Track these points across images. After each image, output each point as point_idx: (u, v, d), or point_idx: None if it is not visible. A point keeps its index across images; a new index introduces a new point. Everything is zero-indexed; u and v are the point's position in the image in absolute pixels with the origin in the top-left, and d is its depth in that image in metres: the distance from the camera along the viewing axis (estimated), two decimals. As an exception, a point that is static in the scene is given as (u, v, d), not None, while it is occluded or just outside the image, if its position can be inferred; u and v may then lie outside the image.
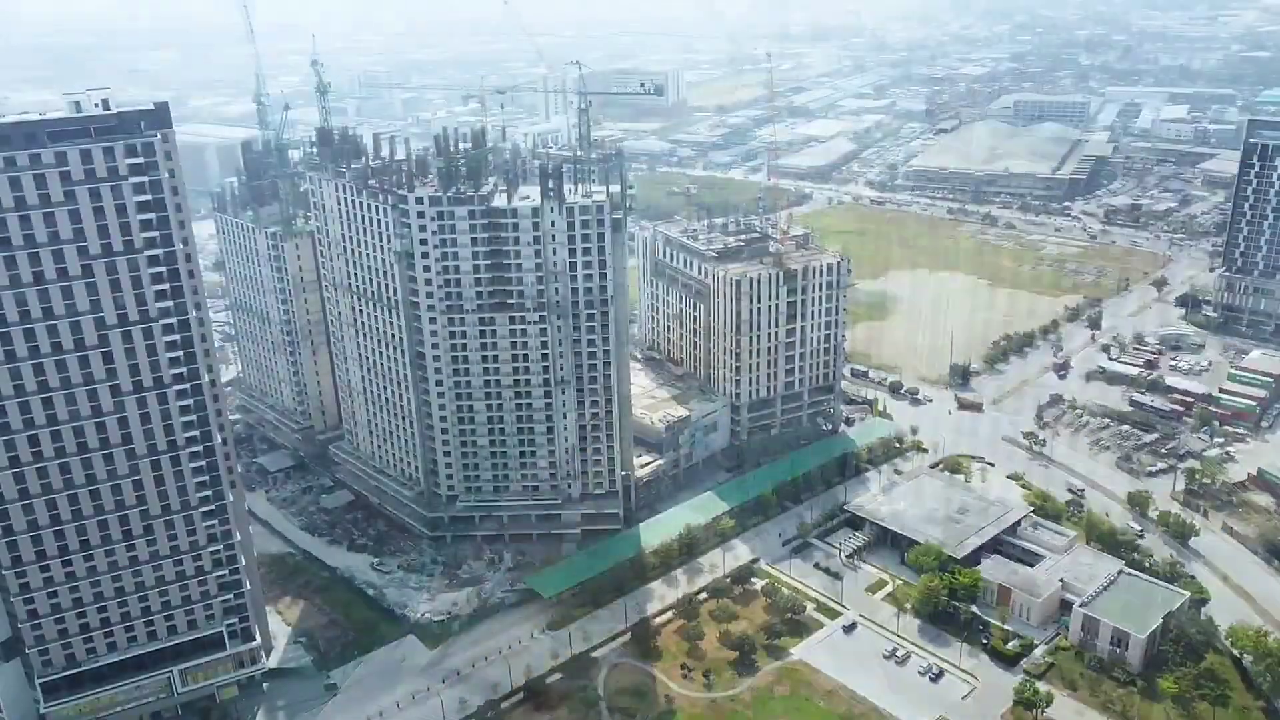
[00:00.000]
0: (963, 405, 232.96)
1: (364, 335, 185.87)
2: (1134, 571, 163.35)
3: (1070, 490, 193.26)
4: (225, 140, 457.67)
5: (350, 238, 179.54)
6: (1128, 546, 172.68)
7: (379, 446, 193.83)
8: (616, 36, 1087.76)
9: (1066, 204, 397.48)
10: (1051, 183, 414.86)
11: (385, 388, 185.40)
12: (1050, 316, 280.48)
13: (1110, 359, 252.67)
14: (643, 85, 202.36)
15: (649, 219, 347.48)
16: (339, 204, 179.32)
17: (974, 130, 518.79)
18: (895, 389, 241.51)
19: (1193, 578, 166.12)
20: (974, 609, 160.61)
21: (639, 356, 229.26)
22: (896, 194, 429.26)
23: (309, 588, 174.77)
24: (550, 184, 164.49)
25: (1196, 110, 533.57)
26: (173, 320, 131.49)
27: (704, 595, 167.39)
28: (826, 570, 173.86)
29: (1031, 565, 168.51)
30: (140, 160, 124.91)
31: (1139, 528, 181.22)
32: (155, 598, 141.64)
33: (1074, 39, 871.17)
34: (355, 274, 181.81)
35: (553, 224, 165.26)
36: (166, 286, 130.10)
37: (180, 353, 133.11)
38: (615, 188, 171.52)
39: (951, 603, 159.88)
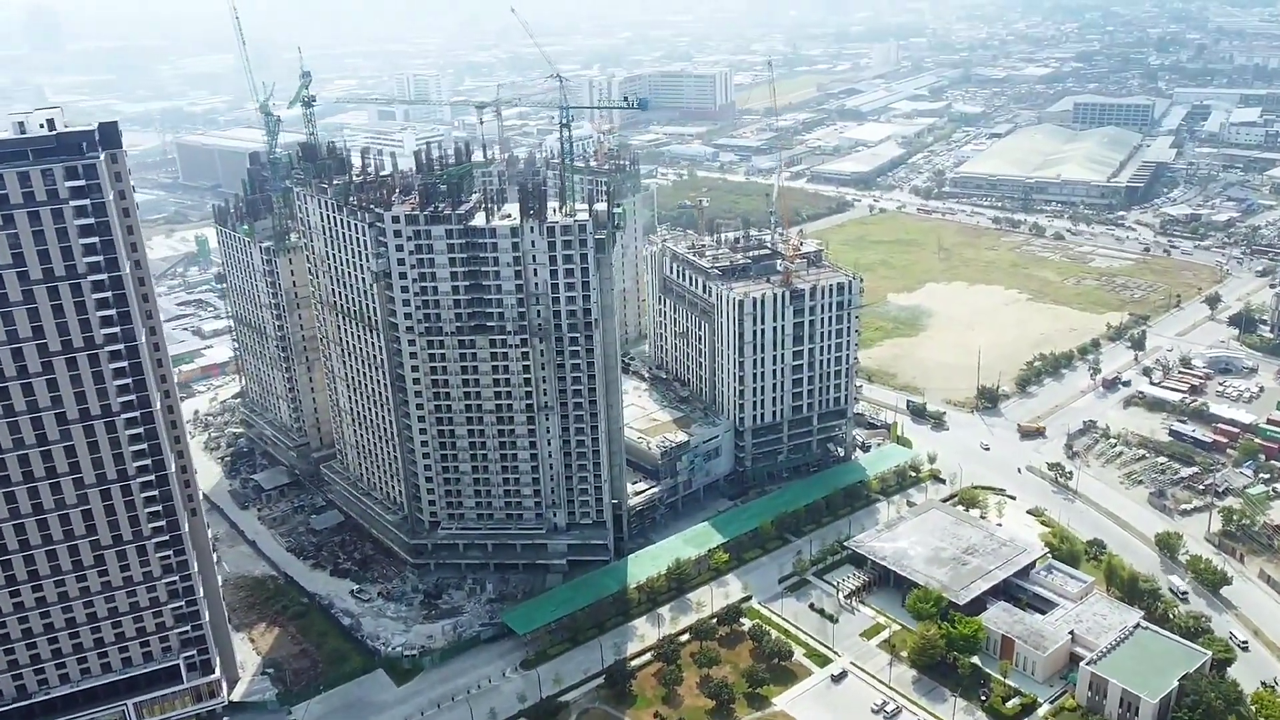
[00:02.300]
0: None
1: (349, 355, 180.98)
2: (1151, 625, 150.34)
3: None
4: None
5: (333, 255, 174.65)
6: (1150, 595, 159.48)
7: (365, 468, 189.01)
8: (674, 39, 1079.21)
9: (1121, 213, 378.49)
10: (1106, 190, 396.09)
11: (369, 409, 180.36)
12: (1091, 335, 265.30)
13: (1152, 383, 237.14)
14: (626, 100, 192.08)
15: (684, 226, 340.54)
16: (322, 220, 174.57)
17: (1029, 134, 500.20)
18: (917, 412, 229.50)
19: (1215, 625, 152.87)
20: (975, 660, 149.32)
21: (645, 375, 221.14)
22: (942, 201, 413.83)
23: (285, 614, 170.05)
24: (531, 203, 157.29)
25: (1269, 113, 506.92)
26: (120, 346, 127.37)
27: (687, 636, 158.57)
28: (821, 611, 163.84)
29: (1043, 613, 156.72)
30: (82, 183, 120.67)
31: (1161, 573, 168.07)
32: (108, 629, 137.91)
33: (1145, 37, 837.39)
34: (339, 292, 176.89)
35: (533, 244, 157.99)
36: (113, 312, 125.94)
37: (129, 380, 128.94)
38: (602, 205, 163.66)
39: (950, 653, 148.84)
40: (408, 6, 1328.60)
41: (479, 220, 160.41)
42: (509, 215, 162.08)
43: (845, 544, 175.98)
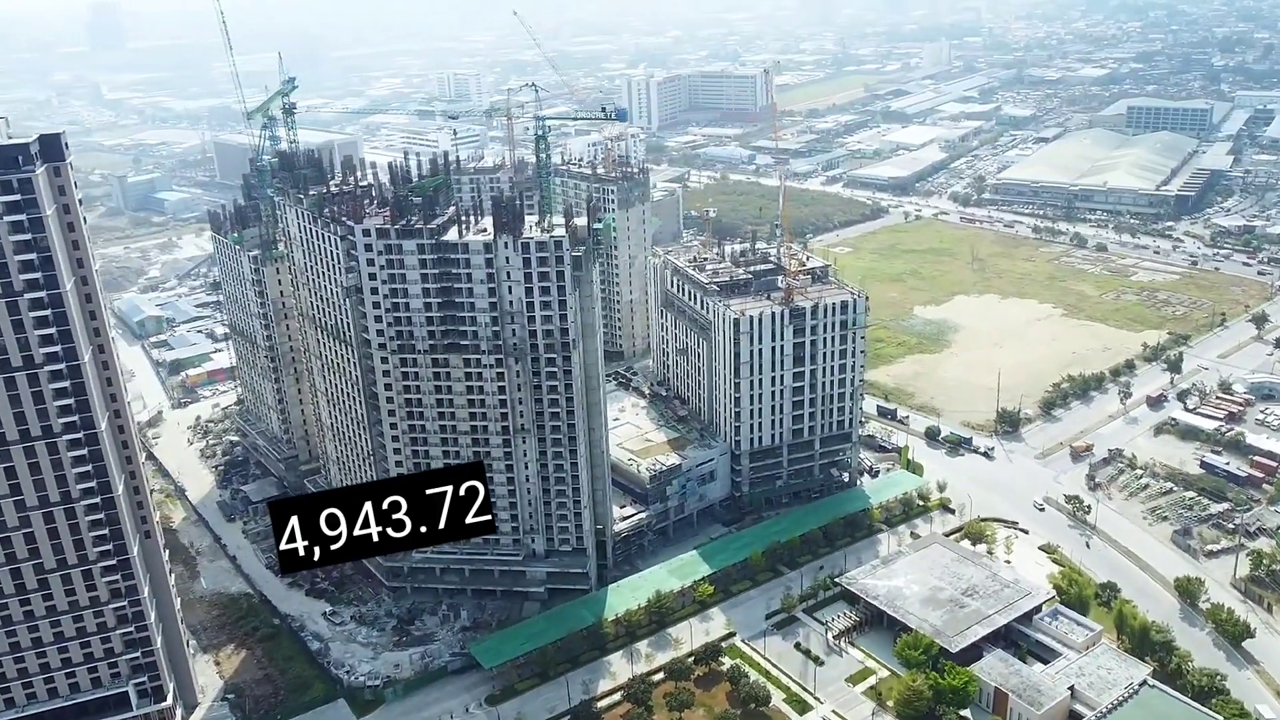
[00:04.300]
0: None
1: (328, 369, 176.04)
2: (1158, 684, 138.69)
3: None
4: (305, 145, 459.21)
5: (310, 267, 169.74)
6: (1162, 648, 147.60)
7: (346, 484, 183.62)
8: (724, 37, 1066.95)
9: (1170, 224, 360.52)
10: (1155, 199, 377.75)
11: (347, 425, 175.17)
12: (1126, 355, 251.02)
13: (1186, 409, 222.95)
14: (604, 110, 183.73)
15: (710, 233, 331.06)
16: (300, 231, 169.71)
17: (1078, 139, 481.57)
18: (932, 435, 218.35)
19: (1232, 684, 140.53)
20: (965, 714, 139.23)
21: (645, 392, 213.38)
22: (982, 209, 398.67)
23: (254, 636, 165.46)
24: (505, 217, 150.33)
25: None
26: (61, 366, 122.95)
27: (661, 675, 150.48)
28: (807, 652, 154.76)
29: (1046, 662, 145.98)
30: (17, 198, 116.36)
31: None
32: (54, 654, 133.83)
33: (1210, 37, 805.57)
34: (316, 305, 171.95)
35: (507, 260, 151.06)
36: (53, 330, 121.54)
37: (71, 400, 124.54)
38: (582, 220, 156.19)
39: (938, 706, 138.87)
40: (461, 3, 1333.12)
41: (452, 235, 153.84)
42: (484, 230, 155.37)
43: (837, 580, 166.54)
